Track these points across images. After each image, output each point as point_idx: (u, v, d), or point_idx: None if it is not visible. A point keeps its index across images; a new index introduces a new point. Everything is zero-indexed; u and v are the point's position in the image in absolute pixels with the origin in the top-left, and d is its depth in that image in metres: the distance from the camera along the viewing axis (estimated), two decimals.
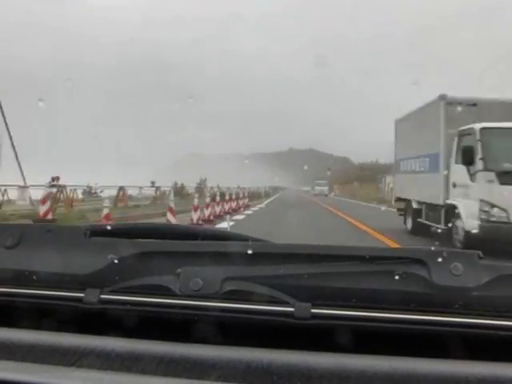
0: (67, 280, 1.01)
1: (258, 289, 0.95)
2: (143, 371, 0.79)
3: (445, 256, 0.95)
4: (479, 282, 0.92)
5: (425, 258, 0.95)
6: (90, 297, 0.98)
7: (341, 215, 20.36)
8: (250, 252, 0.99)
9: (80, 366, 0.80)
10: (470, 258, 0.96)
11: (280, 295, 0.94)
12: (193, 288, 0.96)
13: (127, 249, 1.03)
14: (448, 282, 0.92)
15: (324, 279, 0.96)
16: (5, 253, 1.06)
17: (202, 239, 1.16)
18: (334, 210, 24.35)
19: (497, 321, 0.91)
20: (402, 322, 0.92)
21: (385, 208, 21.62)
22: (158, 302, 0.96)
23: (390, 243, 9.98)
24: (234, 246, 1.03)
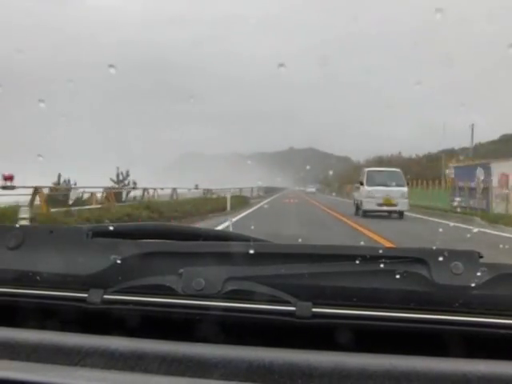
0: (70, 280, 1.02)
1: (260, 288, 0.95)
2: (146, 370, 0.79)
3: (445, 255, 0.95)
4: (479, 280, 0.92)
5: (425, 258, 0.95)
6: (93, 297, 0.98)
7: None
8: (251, 252, 0.99)
9: (83, 366, 0.81)
10: (471, 257, 0.96)
11: (281, 294, 0.95)
12: (195, 288, 0.96)
13: (130, 249, 1.03)
14: (448, 281, 0.93)
15: (325, 278, 0.96)
16: (8, 254, 1.07)
17: (204, 240, 1.17)
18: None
19: (497, 319, 0.91)
20: (402, 320, 0.92)
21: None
22: (160, 302, 0.97)
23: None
24: (235, 247, 1.04)
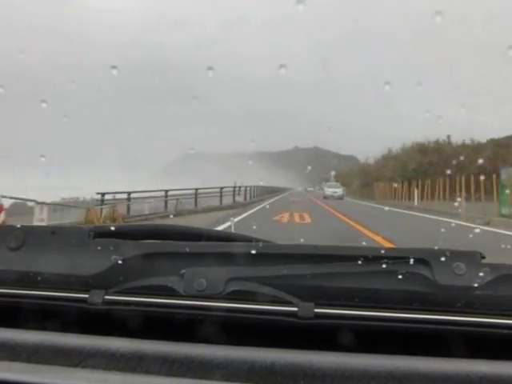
0: (72, 281, 1.02)
1: (262, 289, 0.95)
2: (148, 371, 0.79)
3: (447, 255, 0.95)
4: (482, 281, 0.92)
5: (427, 258, 0.95)
6: (95, 298, 0.98)
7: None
8: (253, 252, 0.99)
9: (85, 367, 0.81)
10: (473, 257, 0.96)
11: (283, 295, 0.94)
12: (197, 288, 0.96)
13: (131, 250, 1.03)
14: (451, 282, 0.93)
15: (327, 279, 0.96)
16: (9, 254, 1.07)
17: (206, 240, 1.17)
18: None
19: (499, 319, 0.91)
20: (404, 321, 0.92)
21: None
22: (162, 303, 0.97)
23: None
24: (237, 247, 1.03)
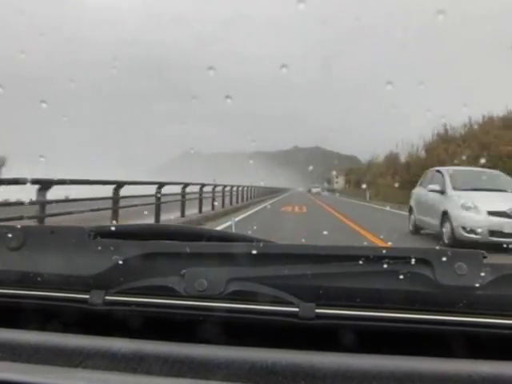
0: (72, 281, 1.01)
1: (263, 289, 0.95)
2: (148, 372, 0.79)
3: (449, 255, 0.95)
4: (483, 281, 0.92)
5: (429, 258, 0.95)
6: (95, 298, 0.98)
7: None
8: (254, 253, 0.99)
9: (85, 367, 0.81)
10: (474, 257, 0.96)
11: (284, 295, 0.94)
12: (198, 289, 0.96)
13: (131, 250, 1.03)
14: (452, 282, 0.92)
15: (328, 279, 0.96)
16: (9, 255, 1.06)
17: (207, 240, 1.16)
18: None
19: (501, 320, 0.91)
20: (406, 321, 0.92)
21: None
22: (162, 303, 0.97)
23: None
24: (238, 247, 1.03)
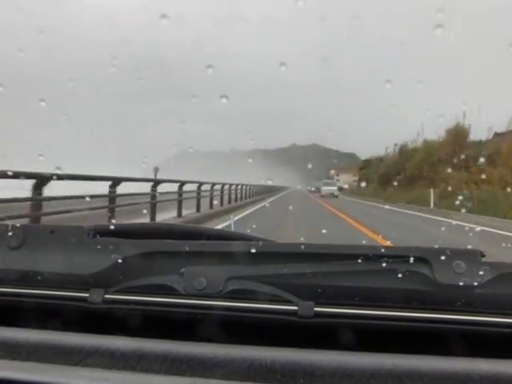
0: (72, 280, 1.02)
1: (262, 288, 0.95)
2: (148, 370, 0.79)
3: (447, 254, 0.95)
4: (482, 279, 0.92)
5: (428, 257, 0.95)
6: (95, 297, 0.98)
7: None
8: (253, 251, 0.99)
9: (85, 366, 0.81)
10: (473, 256, 0.96)
11: (283, 294, 0.95)
12: (197, 287, 0.96)
13: (131, 249, 1.03)
14: (451, 280, 0.93)
15: (327, 278, 0.96)
16: (9, 254, 1.06)
17: (206, 239, 1.17)
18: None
19: (499, 318, 0.91)
20: (404, 319, 0.92)
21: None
22: (162, 302, 0.97)
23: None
24: (237, 246, 1.03)
